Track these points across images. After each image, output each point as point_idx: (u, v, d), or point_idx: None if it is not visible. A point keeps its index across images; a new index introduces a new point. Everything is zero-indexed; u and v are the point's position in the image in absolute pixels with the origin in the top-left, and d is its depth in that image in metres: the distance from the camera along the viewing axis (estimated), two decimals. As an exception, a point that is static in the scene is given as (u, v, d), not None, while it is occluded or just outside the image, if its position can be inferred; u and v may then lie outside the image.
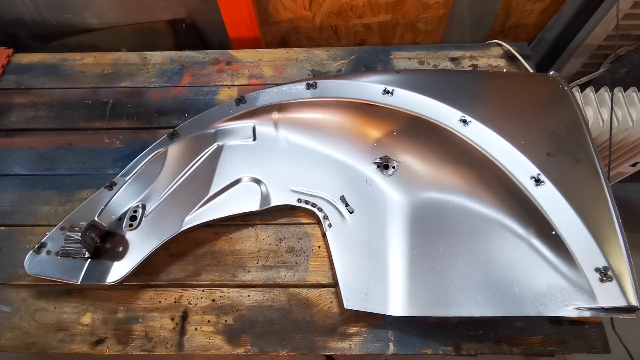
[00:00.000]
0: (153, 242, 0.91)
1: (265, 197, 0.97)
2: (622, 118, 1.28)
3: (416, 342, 0.86)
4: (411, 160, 1.00)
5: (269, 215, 1.00)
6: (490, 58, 1.25)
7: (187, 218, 0.94)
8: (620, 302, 0.76)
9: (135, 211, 0.95)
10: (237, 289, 0.92)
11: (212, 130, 1.05)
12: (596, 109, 1.30)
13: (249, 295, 0.92)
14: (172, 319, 0.89)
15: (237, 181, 0.99)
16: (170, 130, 1.04)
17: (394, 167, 0.99)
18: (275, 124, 1.06)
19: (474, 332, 0.87)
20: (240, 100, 1.07)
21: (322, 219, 0.95)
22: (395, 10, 1.47)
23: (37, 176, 1.08)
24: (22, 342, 0.88)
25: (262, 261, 0.95)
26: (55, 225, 0.92)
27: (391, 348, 0.86)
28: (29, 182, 1.07)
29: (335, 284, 0.90)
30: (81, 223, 0.89)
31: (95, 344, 0.87)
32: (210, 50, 1.29)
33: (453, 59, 1.24)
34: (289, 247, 0.96)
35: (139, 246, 0.91)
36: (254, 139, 1.05)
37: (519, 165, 0.89)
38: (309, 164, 1.02)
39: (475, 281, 0.84)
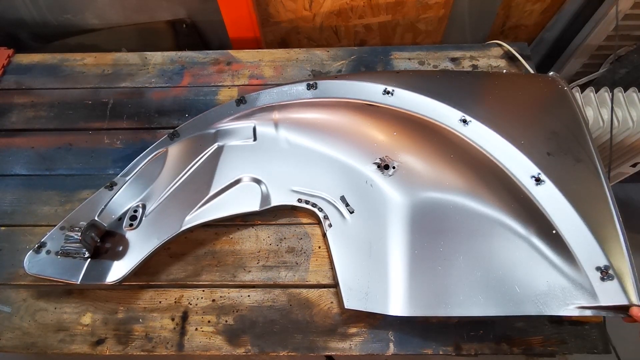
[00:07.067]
0: (153, 241, 0.91)
1: (265, 197, 0.97)
2: (622, 118, 1.28)
3: (416, 342, 0.86)
4: (411, 161, 1.00)
5: (269, 215, 1.00)
6: (491, 58, 1.25)
7: (187, 218, 0.94)
8: (622, 301, 0.76)
9: (135, 211, 0.95)
10: (238, 289, 0.92)
11: (213, 131, 1.05)
12: (596, 109, 1.30)
13: (249, 296, 0.92)
14: (173, 319, 0.89)
15: (238, 181, 0.99)
16: (171, 131, 1.05)
17: (394, 167, 0.99)
18: (276, 124, 1.06)
19: (474, 332, 0.87)
20: (240, 101, 1.07)
21: (322, 219, 0.95)
22: (395, 11, 1.48)
23: (38, 176, 1.08)
24: (23, 342, 0.88)
25: (263, 261, 0.95)
26: (56, 225, 0.92)
27: (391, 348, 0.86)
28: (29, 182, 1.07)
29: (335, 284, 0.90)
30: (81, 223, 0.89)
31: (96, 344, 0.87)
32: (211, 51, 1.30)
33: (453, 60, 1.24)
34: (289, 247, 0.96)
35: (139, 246, 0.91)
36: (255, 139, 1.05)
37: (519, 165, 0.89)
38: (309, 164, 1.02)
39: (475, 281, 0.83)
